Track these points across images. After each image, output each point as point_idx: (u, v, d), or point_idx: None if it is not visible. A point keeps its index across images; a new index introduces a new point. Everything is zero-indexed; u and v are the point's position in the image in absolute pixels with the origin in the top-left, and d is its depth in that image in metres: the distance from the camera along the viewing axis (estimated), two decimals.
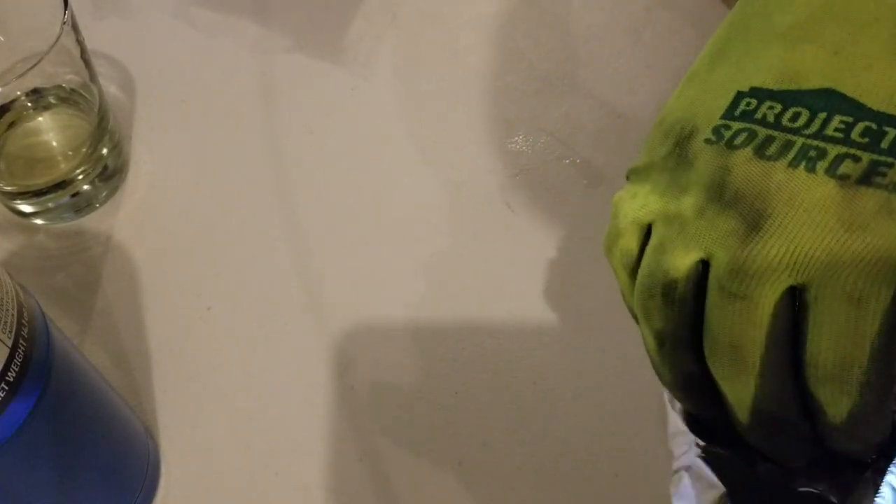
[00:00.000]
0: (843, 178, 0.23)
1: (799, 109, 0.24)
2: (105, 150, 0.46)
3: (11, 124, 0.46)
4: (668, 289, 0.25)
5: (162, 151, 0.49)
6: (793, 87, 0.25)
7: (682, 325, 0.26)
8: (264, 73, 0.52)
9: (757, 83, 0.25)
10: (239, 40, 0.53)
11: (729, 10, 0.29)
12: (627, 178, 0.28)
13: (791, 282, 0.23)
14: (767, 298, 0.24)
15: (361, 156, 0.49)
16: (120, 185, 0.48)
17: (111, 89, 0.51)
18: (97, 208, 0.47)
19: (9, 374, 0.27)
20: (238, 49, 0.53)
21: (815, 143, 0.23)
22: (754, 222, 0.24)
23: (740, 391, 0.25)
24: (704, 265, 0.25)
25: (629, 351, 0.42)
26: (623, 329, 0.43)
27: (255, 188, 0.48)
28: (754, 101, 0.25)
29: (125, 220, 0.47)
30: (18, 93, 0.45)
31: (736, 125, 0.25)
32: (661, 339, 0.26)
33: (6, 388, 0.27)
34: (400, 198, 0.47)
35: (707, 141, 0.25)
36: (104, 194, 0.47)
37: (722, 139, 0.25)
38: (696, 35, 0.51)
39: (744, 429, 0.26)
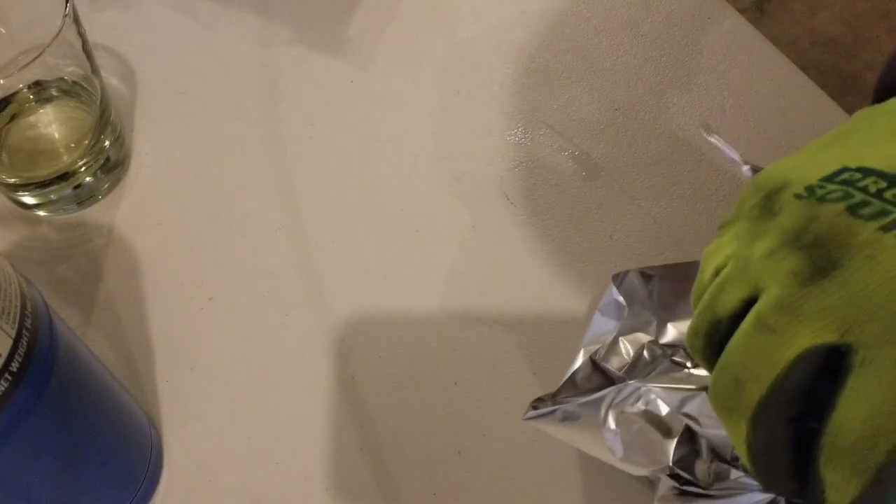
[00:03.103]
0: None
1: None
2: (107, 143, 0.46)
3: (14, 116, 0.46)
4: (712, 328, 0.25)
5: (163, 143, 0.49)
6: None
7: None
8: (265, 65, 0.52)
9: (868, 164, 0.24)
10: (240, 32, 0.53)
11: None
12: (717, 231, 0.27)
13: (837, 338, 0.22)
14: (800, 341, 0.22)
15: (361, 147, 0.49)
16: (122, 177, 0.48)
17: (112, 81, 0.51)
18: (99, 200, 0.47)
19: (12, 364, 0.27)
20: (239, 41, 0.53)
21: None
22: (823, 268, 0.22)
23: (733, 433, 0.24)
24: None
25: None
26: None
27: (256, 180, 0.48)
28: (859, 175, 0.24)
29: (127, 211, 0.47)
30: (20, 85, 0.45)
31: (832, 186, 0.24)
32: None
33: (10, 378, 0.27)
34: (399, 189, 0.47)
35: (797, 196, 0.24)
36: (106, 186, 0.47)
37: (814, 195, 0.24)
38: (694, 28, 0.51)
39: (751, 472, 0.25)
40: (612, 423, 0.34)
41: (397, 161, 0.48)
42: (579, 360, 0.37)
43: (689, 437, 0.34)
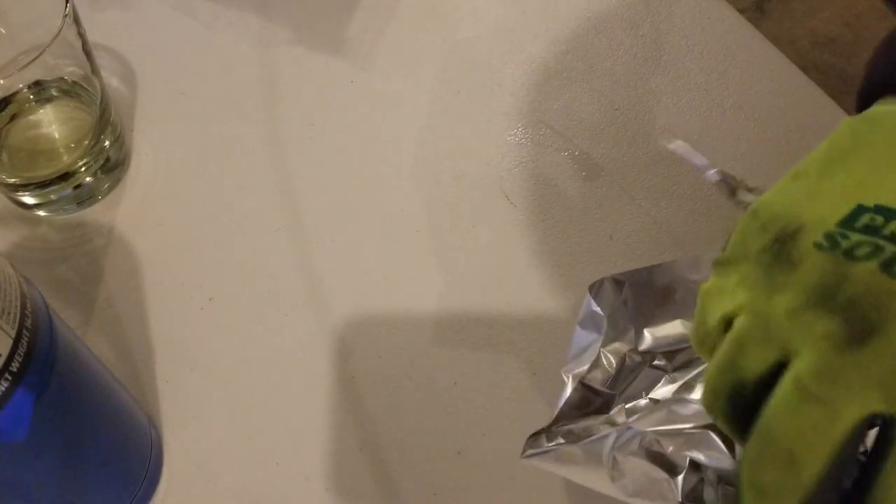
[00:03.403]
0: None
1: None
2: (107, 143, 0.46)
3: (14, 116, 0.46)
4: (735, 392, 0.24)
5: (163, 143, 0.49)
6: None
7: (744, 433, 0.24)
8: (265, 65, 0.52)
9: (884, 202, 0.23)
10: (240, 32, 0.53)
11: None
12: (713, 267, 0.26)
13: (886, 407, 0.21)
14: (852, 412, 0.21)
15: (361, 147, 0.49)
16: (122, 178, 0.48)
17: (112, 81, 0.51)
18: (99, 200, 0.47)
19: (12, 364, 0.27)
20: (239, 41, 0.53)
21: None
22: (861, 333, 0.21)
23: None
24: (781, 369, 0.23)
25: None
26: None
27: (256, 180, 0.48)
28: (880, 219, 0.23)
29: (127, 211, 0.47)
30: (20, 85, 0.45)
31: (856, 237, 0.23)
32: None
33: (10, 378, 0.27)
34: (399, 189, 0.47)
35: (818, 245, 0.23)
36: (106, 186, 0.47)
37: (838, 247, 0.23)
38: (694, 28, 0.51)
39: None
40: (616, 467, 0.34)
41: (397, 161, 0.48)
42: (568, 388, 0.37)
43: (695, 468, 0.33)
